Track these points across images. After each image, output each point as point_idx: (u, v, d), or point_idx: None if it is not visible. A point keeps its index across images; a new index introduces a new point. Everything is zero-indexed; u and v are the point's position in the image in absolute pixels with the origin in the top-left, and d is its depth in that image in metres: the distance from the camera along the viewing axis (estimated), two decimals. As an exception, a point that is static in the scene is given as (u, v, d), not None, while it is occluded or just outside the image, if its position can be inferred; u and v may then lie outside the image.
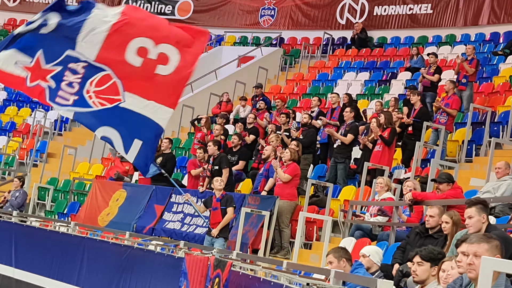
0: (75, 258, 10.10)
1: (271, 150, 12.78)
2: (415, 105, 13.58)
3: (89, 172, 17.72)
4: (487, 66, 17.79)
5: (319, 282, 5.33)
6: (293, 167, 11.76)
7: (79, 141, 20.59)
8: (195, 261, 6.82)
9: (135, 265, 8.96)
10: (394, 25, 22.82)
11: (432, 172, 10.75)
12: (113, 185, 14.25)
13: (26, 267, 10.96)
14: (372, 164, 12.04)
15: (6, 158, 20.10)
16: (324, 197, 12.11)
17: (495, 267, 3.25)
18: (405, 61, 20.04)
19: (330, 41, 23.29)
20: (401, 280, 7.09)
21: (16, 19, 28.95)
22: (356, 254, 7.73)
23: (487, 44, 19.59)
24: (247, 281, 6.42)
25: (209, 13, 26.90)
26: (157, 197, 13.33)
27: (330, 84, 20.12)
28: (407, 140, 13.30)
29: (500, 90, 15.82)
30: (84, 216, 14.00)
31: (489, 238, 4.29)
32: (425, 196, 9.02)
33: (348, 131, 13.24)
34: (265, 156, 12.85)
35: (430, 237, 7.55)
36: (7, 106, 24.03)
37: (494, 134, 13.68)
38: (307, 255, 10.96)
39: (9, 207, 14.41)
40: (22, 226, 11.62)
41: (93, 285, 9.68)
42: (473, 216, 6.34)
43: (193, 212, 12.40)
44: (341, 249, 6.68)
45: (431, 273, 5.79)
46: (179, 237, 11.79)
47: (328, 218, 10.48)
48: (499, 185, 9.55)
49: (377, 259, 7.28)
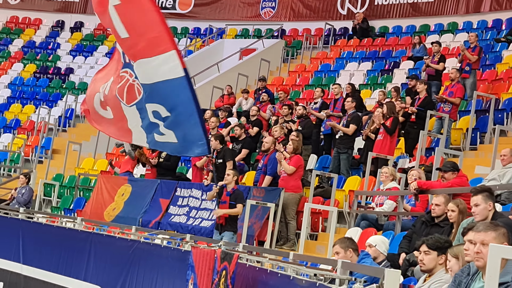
0: (82, 253, 10.13)
1: (272, 142, 12.57)
2: (421, 94, 13.57)
3: (94, 167, 17.76)
4: (490, 53, 17.75)
5: (326, 272, 5.34)
6: (296, 158, 11.75)
7: (83, 137, 20.63)
8: (202, 254, 6.84)
9: (142, 259, 8.98)
10: (396, 14, 22.76)
11: (436, 160, 10.75)
12: (118, 180, 14.28)
13: (34, 263, 11.00)
14: (376, 154, 12.04)
15: (12, 155, 20.16)
16: (329, 188, 12.12)
17: (503, 254, 3.26)
18: (407, 50, 20.01)
19: (331, 32, 23.25)
20: (408, 269, 7.11)
21: (18, 16, 28.96)
22: (362, 244, 7.74)
23: (490, 31, 19.54)
24: (254, 273, 6.44)
25: (210, 6, 26.86)
26: (162, 191, 13.35)
27: (332, 74, 20.10)
28: (409, 129, 13.30)
29: (503, 77, 15.79)
30: (90, 211, 14.04)
31: (496, 225, 4.30)
32: (431, 185, 9.02)
33: (350, 122, 13.23)
34: (265, 148, 12.62)
35: (436, 225, 7.56)
36: (11, 104, 24.08)
37: (498, 121, 13.66)
38: (313, 246, 10.98)
39: (16, 204, 14.46)
40: (29, 223, 11.66)
41: (100, 280, 9.71)
42: (480, 204, 6.34)
43: (199, 205, 12.42)
44: (347, 240, 6.69)
45: (438, 262, 5.80)
46: (185, 231, 11.81)
47: (334, 209, 10.49)
48: (504, 172, 9.55)
49: (383, 249, 7.29)
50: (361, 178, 12.39)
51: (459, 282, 4.43)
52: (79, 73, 25.64)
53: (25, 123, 22.64)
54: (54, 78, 25.46)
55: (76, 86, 24.79)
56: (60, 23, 28.65)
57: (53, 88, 24.79)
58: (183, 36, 26.37)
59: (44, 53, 27.11)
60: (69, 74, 25.69)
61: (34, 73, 25.84)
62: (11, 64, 26.49)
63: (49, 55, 26.94)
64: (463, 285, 4.37)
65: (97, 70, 10.09)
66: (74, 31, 28.26)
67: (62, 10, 28.75)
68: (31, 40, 27.91)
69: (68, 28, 28.59)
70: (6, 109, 23.75)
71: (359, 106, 14.34)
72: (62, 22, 28.66)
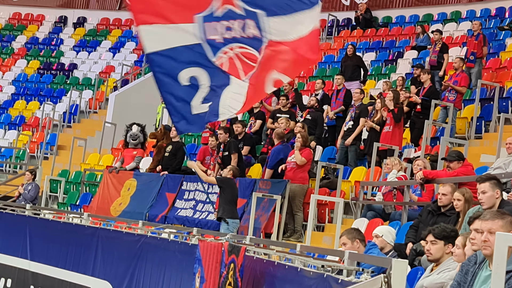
0: (90, 249, 10.16)
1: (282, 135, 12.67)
2: (425, 83, 13.54)
3: (100, 162, 17.78)
4: (494, 42, 17.69)
5: (333, 263, 5.35)
6: (307, 152, 11.75)
7: (88, 132, 20.66)
8: (209, 248, 6.85)
9: (149, 254, 9.01)
10: (399, 4, 22.70)
11: (442, 150, 10.74)
12: (124, 175, 14.30)
13: (41, 259, 11.03)
14: (382, 145, 12.04)
15: (17, 152, 20.20)
16: (335, 179, 12.12)
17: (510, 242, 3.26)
18: (410, 40, 19.96)
19: (335, 23, 23.19)
20: (415, 258, 7.11)
21: (21, 13, 28.97)
22: (369, 234, 7.74)
23: (493, 20, 19.47)
24: (262, 265, 6.45)
25: None
26: (168, 185, 13.37)
27: (336, 65, 20.06)
28: (415, 118, 13.27)
29: (507, 65, 15.74)
30: (96, 206, 14.06)
31: (502, 214, 4.30)
32: (436, 174, 9.02)
33: (360, 114, 13.18)
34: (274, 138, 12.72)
35: (443, 215, 7.56)
36: (15, 100, 24.12)
37: (503, 109, 13.63)
38: (320, 238, 10.99)
39: (22, 200, 14.49)
40: (36, 219, 11.68)
41: (108, 275, 9.74)
42: (487, 191, 6.31)
43: (205, 198, 12.44)
44: (354, 230, 6.70)
45: (445, 251, 5.80)
46: (191, 224, 11.84)
47: (340, 200, 10.50)
48: (510, 160, 9.52)
49: (390, 239, 7.29)
50: (367, 169, 12.39)
51: (466, 270, 4.44)
52: (83, 69, 25.64)
53: (30, 119, 22.68)
54: (58, 74, 25.48)
55: (80, 81, 24.81)
56: (63, 18, 28.64)
57: (57, 84, 24.81)
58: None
59: (47, 49, 27.12)
60: (72, 70, 25.70)
61: (38, 69, 25.86)
62: (15, 61, 26.51)
63: (52, 51, 26.96)
64: (470, 274, 4.37)
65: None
66: (77, 27, 28.25)
67: (64, 6, 28.74)
68: (34, 36, 27.91)
69: (71, 23, 28.58)
70: (11, 106, 23.79)
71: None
72: (65, 18, 28.66)
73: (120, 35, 27.23)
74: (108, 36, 27.27)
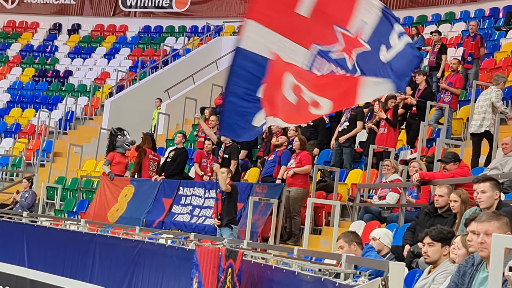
0: (87, 255, 10.14)
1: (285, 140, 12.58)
2: (420, 85, 13.56)
3: (96, 169, 17.76)
4: (488, 42, 17.73)
5: (331, 267, 5.35)
6: (306, 156, 11.66)
7: (84, 139, 20.65)
8: (206, 253, 6.84)
9: (146, 259, 9.00)
10: (393, 5, 22.72)
11: (438, 151, 10.74)
12: (120, 181, 14.28)
13: (39, 266, 11.01)
14: (377, 147, 12.03)
15: (13, 160, 20.18)
16: (331, 182, 12.11)
17: (507, 244, 3.26)
18: (405, 42, 19.94)
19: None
20: (412, 261, 7.11)
21: (15, 21, 28.96)
22: (366, 237, 7.74)
23: (487, 20, 19.52)
24: (259, 269, 6.44)
25: (206, 4, 26.85)
26: (165, 191, 13.36)
27: (331, 68, 20.07)
28: (411, 120, 13.28)
29: (502, 65, 15.78)
30: (93, 213, 14.04)
31: (498, 215, 4.30)
32: (433, 175, 9.02)
33: (356, 117, 13.16)
34: (278, 142, 12.57)
35: (440, 216, 7.56)
36: (11, 108, 24.11)
37: (499, 110, 13.63)
38: (317, 241, 10.98)
39: (19, 208, 14.47)
40: (33, 227, 11.66)
41: (106, 281, 9.72)
42: (487, 191, 6.24)
43: (202, 203, 12.43)
44: (351, 233, 6.70)
45: (442, 253, 5.80)
46: (188, 229, 11.83)
47: (337, 203, 10.48)
48: (506, 160, 9.54)
49: (387, 241, 7.29)
50: (363, 171, 12.39)
51: (463, 272, 4.44)
52: (78, 75, 25.64)
53: (26, 127, 22.67)
54: (53, 81, 25.47)
55: (76, 88, 24.79)
56: (57, 25, 28.64)
57: (52, 91, 24.80)
58: (180, 35, 26.36)
59: (42, 56, 27.12)
60: (68, 77, 25.69)
61: (33, 77, 25.84)
62: (10, 69, 26.50)
63: (47, 58, 26.95)
64: (467, 276, 4.37)
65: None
66: (71, 34, 28.25)
67: (59, 13, 28.75)
68: (29, 44, 27.91)
69: (66, 30, 28.58)
70: (6, 114, 23.77)
71: None
72: (59, 25, 28.66)
73: (115, 41, 27.25)
74: (103, 42, 27.27)
